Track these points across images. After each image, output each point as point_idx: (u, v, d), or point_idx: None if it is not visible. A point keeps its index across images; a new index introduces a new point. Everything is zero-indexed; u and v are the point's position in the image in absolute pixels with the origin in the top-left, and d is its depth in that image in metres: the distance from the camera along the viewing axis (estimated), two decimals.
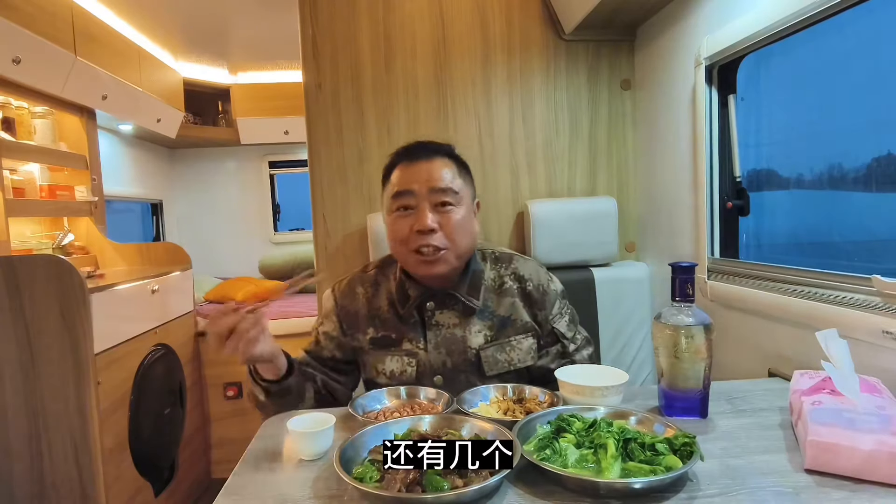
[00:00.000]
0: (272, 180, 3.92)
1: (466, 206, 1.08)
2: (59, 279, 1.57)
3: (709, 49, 1.34)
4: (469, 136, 1.75)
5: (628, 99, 1.79)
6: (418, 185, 1.04)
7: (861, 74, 1.22)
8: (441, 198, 1.04)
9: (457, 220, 1.05)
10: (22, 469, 1.59)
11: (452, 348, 1.11)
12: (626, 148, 1.80)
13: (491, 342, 1.12)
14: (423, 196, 1.04)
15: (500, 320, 1.14)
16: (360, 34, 1.69)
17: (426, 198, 1.04)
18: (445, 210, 1.05)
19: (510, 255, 1.20)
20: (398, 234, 1.06)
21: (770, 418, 0.91)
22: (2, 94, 2.03)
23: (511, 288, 1.16)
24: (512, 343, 1.13)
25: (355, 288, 1.18)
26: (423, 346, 1.11)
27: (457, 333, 1.12)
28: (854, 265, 1.09)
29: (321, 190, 1.71)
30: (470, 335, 1.12)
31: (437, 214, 1.04)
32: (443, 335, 1.12)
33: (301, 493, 0.72)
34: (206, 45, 2.97)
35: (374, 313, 1.15)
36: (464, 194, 1.08)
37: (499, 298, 1.15)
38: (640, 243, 1.81)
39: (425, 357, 1.11)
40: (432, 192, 1.04)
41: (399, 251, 1.09)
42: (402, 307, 1.12)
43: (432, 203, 1.04)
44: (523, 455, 0.71)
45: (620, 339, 1.67)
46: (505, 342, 1.13)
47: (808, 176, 1.39)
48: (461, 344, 1.11)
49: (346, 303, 1.17)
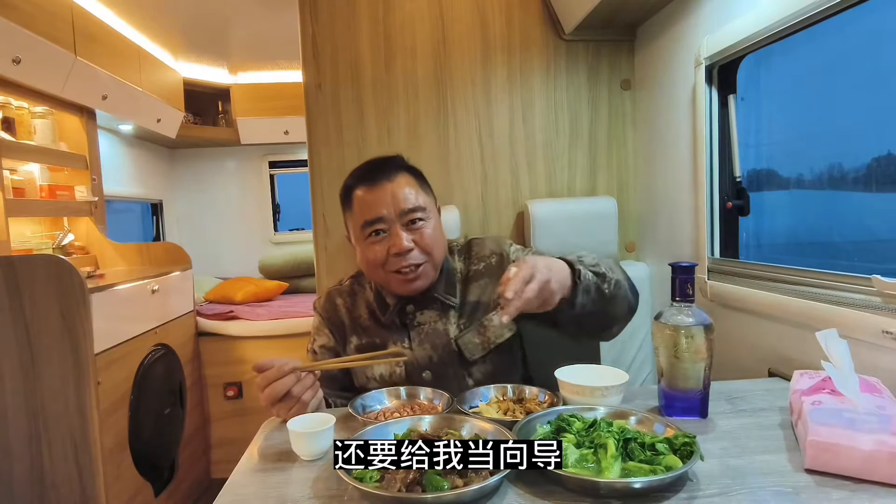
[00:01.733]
0: (272, 180, 3.92)
1: (434, 217, 1.11)
2: (59, 279, 1.57)
3: (709, 49, 1.34)
4: (469, 136, 1.75)
5: (628, 99, 1.79)
6: (387, 209, 1.05)
7: (861, 74, 1.22)
8: (411, 216, 1.06)
9: (429, 233, 1.07)
10: (22, 469, 1.59)
11: (437, 342, 1.12)
12: (626, 148, 1.80)
13: (465, 329, 1.13)
14: (394, 219, 1.05)
15: (470, 306, 1.15)
16: (360, 34, 1.69)
17: (396, 220, 1.05)
18: (417, 227, 1.07)
19: (469, 242, 1.23)
20: (374, 259, 1.07)
21: (770, 418, 0.91)
22: (2, 94, 2.03)
23: (476, 272, 1.17)
24: (484, 323, 1.13)
25: (334, 300, 1.20)
26: (408, 346, 1.13)
27: (438, 328, 1.13)
28: (854, 265, 1.09)
29: (321, 190, 1.71)
30: (451, 327, 1.14)
31: (410, 233, 1.06)
32: (425, 331, 1.13)
33: (301, 493, 0.72)
34: (206, 45, 2.97)
35: (355, 322, 1.17)
36: (429, 206, 1.10)
37: (469, 287, 1.16)
38: (640, 243, 1.81)
39: (411, 356, 1.12)
40: (402, 213, 1.05)
41: (376, 274, 1.10)
42: (384, 315, 1.14)
43: (403, 223, 1.06)
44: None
45: (620, 338, 1.65)
46: (477, 324, 1.13)
47: (808, 176, 1.39)
48: (444, 337, 1.13)
49: (330, 315, 1.19)
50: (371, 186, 1.07)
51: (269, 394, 0.89)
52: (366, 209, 1.06)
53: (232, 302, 2.97)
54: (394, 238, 1.05)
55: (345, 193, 1.12)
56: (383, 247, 1.05)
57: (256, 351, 2.68)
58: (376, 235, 1.06)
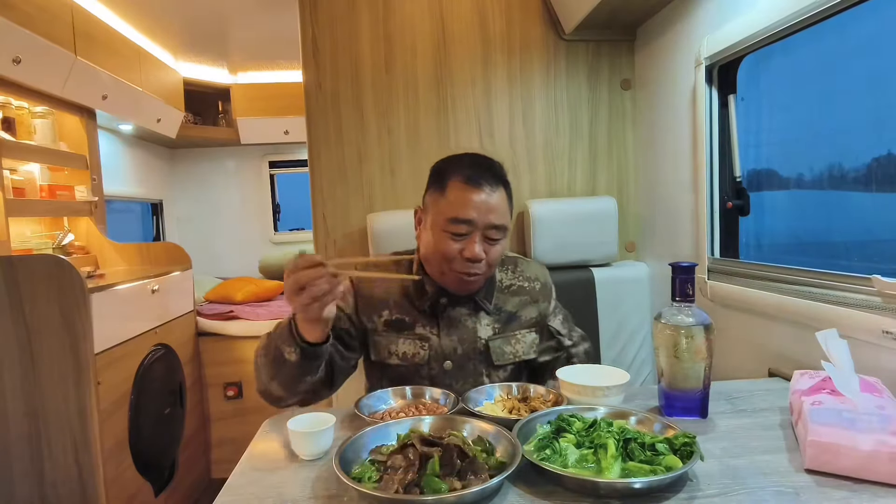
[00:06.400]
0: (272, 180, 3.92)
1: (507, 236, 1.13)
2: (59, 279, 1.57)
3: (709, 49, 1.34)
4: (469, 136, 1.75)
5: (628, 99, 1.79)
6: (479, 216, 1.06)
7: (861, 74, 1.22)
8: (493, 234, 1.08)
9: (499, 252, 1.11)
10: (22, 469, 1.59)
11: (464, 336, 1.16)
12: (626, 148, 1.80)
13: (498, 334, 1.17)
14: (479, 228, 1.07)
15: (506, 315, 1.19)
16: (360, 34, 1.69)
17: (480, 229, 1.07)
18: (493, 243, 1.09)
19: (515, 258, 1.28)
20: (445, 252, 1.08)
21: (770, 418, 0.91)
22: (2, 94, 2.03)
23: (519, 288, 1.23)
24: (517, 336, 1.19)
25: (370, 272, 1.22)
26: (435, 332, 1.15)
27: (468, 324, 1.16)
28: (854, 265, 1.09)
29: (321, 190, 1.71)
30: (480, 326, 1.17)
31: (485, 245, 1.08)
32: (454, 324, 1.16)
33: (301, 493, 0.72)
34: (206, 45, 2.97)
35: (388, 297, 1.18)
36: (508, 227, 1.13)
37: (507, 297, 1.21)
38: (640, 243, 1.81)
39: (437, 342, 1.14)
40: (488, 226, 1.07)
41: (439, 265, 1.10)
42: (418, 300, 1.16)
43: (484, 234, 1.07)
44: (523, 455, 0.71)
45: (620, 339, 1.67)
46: (510, 335, 1.18)
47: (808, 176, 1.39)
48: (472, 333, 1.16)
49: (362, 284, 1.19)
50: (474, 187, 1.07)
51: (295, 280, 0.87)
52: (459, 207, 1.06)
53: (232, 302, 2.97)
54: (471, 245, 1.06)
55: (440, 175, 1.12)
56: (458, 246, 1.07)
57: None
58: (456, 235, 1.07)
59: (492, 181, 1.09)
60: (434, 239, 1.10)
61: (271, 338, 1.00)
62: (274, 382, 1.00)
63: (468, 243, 1.07)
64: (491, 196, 1.07)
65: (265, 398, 1.05)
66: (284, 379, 0.99)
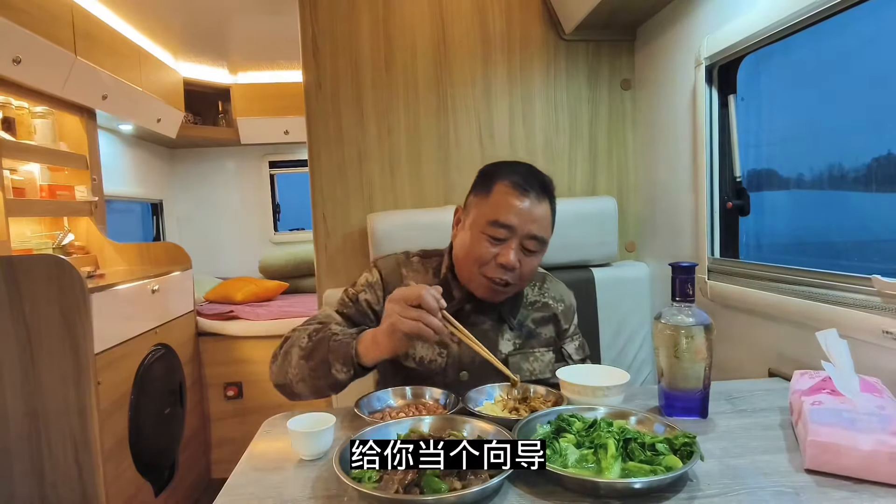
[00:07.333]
0: (272, 180, 3.92)
1: (544, 252, 1.11)
2: (59, 279, 1.57)
3: (709, 49, 1.34)
4: (469, 136, 1.75)
5: (628, 99, 1.79)
6: (521, 223, 1.04)
7: (861, 74, 1.22)
8: (532, 245, 1.06)
9: (533, 265, 1.09)
10: (22, 469, 1.59)
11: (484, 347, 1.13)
12: (626, 148, 1.80)
13: (517, 350, 1.16)
14: (518, 236, 1.05)
15: (527, 331, 1.18)
16: (360, 34, 1.69)
17: (519, 237, 1.05)
18: (529, 255, 1.07)
19: (543, 275, 1.27)
20: (479, 255, 1.06)
21: (770, 418, 0.91)
22: (2, 94, 2.03)
23: (543, 305, 1.22)
24: (536, 354, 1.18)
25: (401, 269, 1.19)
26: (456, 340, 1.12)
27: (490, 336, 1.14)
28: (854, 265, 1.09)
29: (321, 190, 1.71)
30: (501, 340, 1.16)
31: (521, 254, 1.06)
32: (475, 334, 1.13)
33: (301, 493, 0.72)
34: (206, 45, 2.97)
35: None
36: (547, 242, 1.10)
37: (529, 312, 1.20)
38: (640, 243, 1.81)
39: (457, 350, 1.13)
40: (528, 236, 1.05)
41: (471, 268, 1.08)
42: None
43: (522, 243, 1.05)
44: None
45: (620, 339, 1.66)
46: (529, 352, 1.18)
47: (808, 176, 1.39)
48: (493, 346, 1.14)
49: (391, 279, 1.17)
50: (520, 193, 1.05)
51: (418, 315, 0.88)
52: (502, 210, 1.05)
53: (232, 302, 2.97)
54: (506, 251, 1.04)
55: (488, 177, 1.10)
56: (493, 250, 1.05)
57: (256, 351, 2.68)
58: (494, 239, 1.05)
59: (539, 192, 1.07)
60: (471, 240, 1.08)
61: (320, 348, 0.97)
62: (302, 384, 0.99)
63: (504, 249, 1.04)
64: (536, 206, 1.05)
65: (281, 390, 1.04)
66: (318, 386, 0.98)
